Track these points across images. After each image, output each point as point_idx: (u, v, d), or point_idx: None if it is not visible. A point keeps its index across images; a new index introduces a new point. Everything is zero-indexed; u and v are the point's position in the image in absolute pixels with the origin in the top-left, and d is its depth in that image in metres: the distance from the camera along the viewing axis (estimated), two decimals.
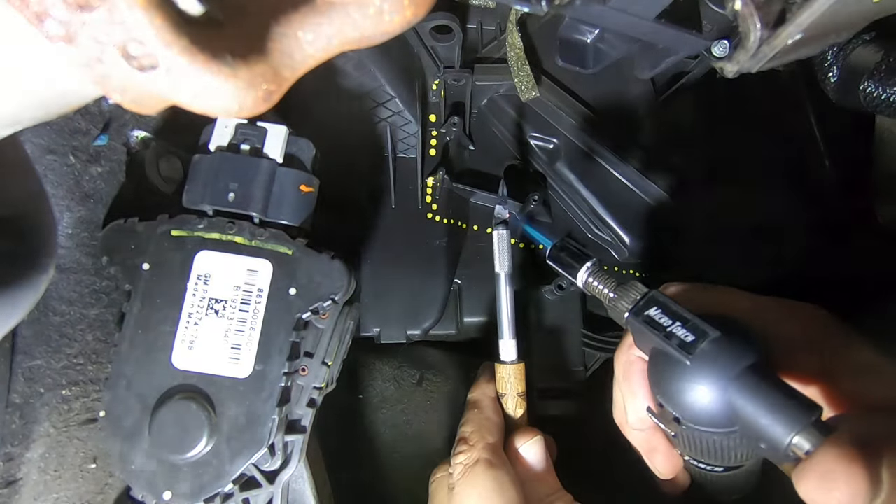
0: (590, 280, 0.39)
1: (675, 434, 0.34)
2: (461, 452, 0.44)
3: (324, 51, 0.21)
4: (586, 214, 0.64)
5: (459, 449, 0.44)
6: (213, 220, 0.46)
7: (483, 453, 0.43)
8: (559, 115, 0.62)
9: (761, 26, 0.32)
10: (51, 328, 0.47)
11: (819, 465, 0.26)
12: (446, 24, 0.55)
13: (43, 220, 0.39)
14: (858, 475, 0.25)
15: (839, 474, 0.25)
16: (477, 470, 0.42)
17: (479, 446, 0.43)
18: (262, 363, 0.44)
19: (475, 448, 0.43)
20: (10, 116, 0.23)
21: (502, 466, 0.43)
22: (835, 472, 0.25)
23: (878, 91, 0.42)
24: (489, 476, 0.41)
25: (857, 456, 0.25)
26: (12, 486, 0.44)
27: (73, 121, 0.47)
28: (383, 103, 0.59)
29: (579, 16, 0.42)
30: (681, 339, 0.31)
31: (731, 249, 0.61)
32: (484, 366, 0.53)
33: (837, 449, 0.26)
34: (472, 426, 0.46)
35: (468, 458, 0.43)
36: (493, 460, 0.42)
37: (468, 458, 0.43)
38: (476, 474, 0.42)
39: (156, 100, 0.19)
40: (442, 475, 0.46)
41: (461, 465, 0.43)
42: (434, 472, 0.47)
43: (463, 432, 0.46)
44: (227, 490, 0.44)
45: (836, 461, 0.25)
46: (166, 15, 0.17)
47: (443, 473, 0.46)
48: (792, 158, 0.62)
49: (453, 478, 0.43)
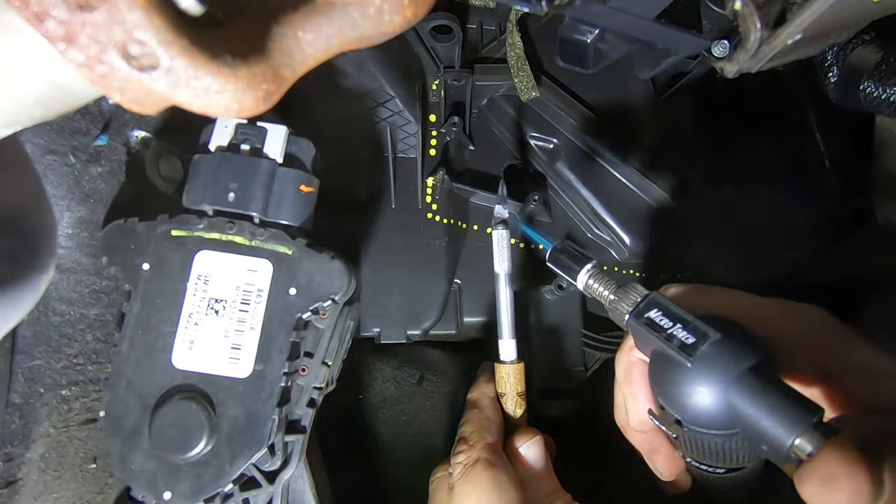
0: (590, 282, 0.39)
1: (677, 436, 0.34)
2: (461, 452, 0.44)
3: (324, 51, 0.21)
4: (586, 214, 0.64)
5: (459, 449, 0.44)
6: (213, 220, 0.46)
7: (483, 453, 0.43)
8: (559, 115, 0.62)
9: (761, 26, 0.32)
10: (51, 328, 0.47)
11: (821, 467, 0.26)
12: (446, 24, 0.55)
13: (43, 220, 0.39)
14: (860, 477, 0.25)
15: (841, 476, 0.25)
16: (476, 470, 0.42)
17: (478, 446, 0.44)
18: (262, 363, 0.44)
19: (475, 448, 0.43)
20: (10, 116, 0.23)
21: (502, 466, 0.43)
22: (837, 474, 0.25)
23: (878, 91, 0.42)
24: (488, 476, 0.41)
25: (858, 458, 0.25)
26: (12, 486, 0.44)
27: (73, 121, 0.47)
28: (383, 103, 0.59)
29: (579, 16, 0.42)
30: (681, 342, 0.31)
31: (731, 249, 0.61)
32: (483, 365, 0.53)
33: (839, 451, 0.26)
34: (471, 426, 0.46)
35: (468, 458, 0.43)
36: (492, 460, 0.42)
37: (468, 457, 0.43)
38: (475, 474, 0.42)
39: (156, 100, 0.19)
40: (441, 475, 0.46)
41: (461, 465, 0.43)
42: (434, 472, 0.47)
43: (463, 432, 0.46)
44: (227, 490, 0.44)
45: (838, 463, 0.25)
46: (166, 15, 0.17)
47: (442, 473, 0.46)
48: (792, 158, 0.62)
49: (453, 477, 0.43)
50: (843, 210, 0.59)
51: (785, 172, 0.62)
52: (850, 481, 0.25)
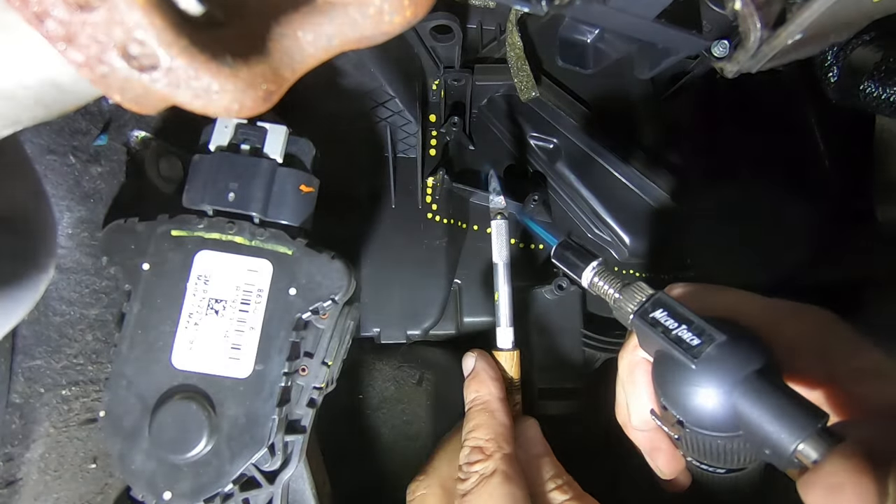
0: (595, 280, 0.38)
1: (679, 437, 0.34)
2: (478, 462, 0.42)
3: (324, 51, 0.21)
4: (586, 214, 0.64)
5: (476, 458, 0.43)
6: (213, 220, 0.46)
7: (501, 464, 0.41)
8: (559, 115, 0.62)
9: (761, 26, 0.32)
10: (51, 328, 0.47)
11: (827, 477, 0.25)
12: (446, 24, 0.55)
13: (43, 220, 0.39)
14: (868, 488, 0.24)
15: (848, 486, 0.25)
16: (493, 482, 0.40)
17: (496, 457, 0.42)
18: (262, 363, 0.44)
19: (492, 458, 0.42)
20: (10, 116, 0.23)
21: (518, 481, 0.41)
22: (844, 483, 0.25)
23: (878, 91, 0.42)
24: (506, 491, 0.40)
25: (866, 467, 0.25)
26: (12, 486, 0.44)
27: (73, 121, 0.47)
28: (383, 103, 0.59)
29: (579, 16, 0.42)
30: (686, 343, 0.31)
31: (732, 249, 0.61)
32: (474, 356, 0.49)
33: (846, 460, 0.25)
34: (487, 432, 0.44)
35: (485, 468, 0.41)
36: (510, 473, 0.41)
37: (485, 467, 0.42)
38: (493, 487, 0.40)
39: (156, 100, 0.19)
40: (423, 493, 0.45)
41: (477, 475, 0.41)
42: (413, 486, 0.46)
43: (476, 440, 0.44)
44: (227, 490, 0.44)
45: (845, 473, 0.25)
46: (166, 15, 0.17)
47: (423, 491, 0.45)
48: (792, 158, 0.62)
49: (465, 485, 0.42)
50: (843, 210, 0.59)
51: (785, 172, 0.62)
52: (857, 491, 0.24)
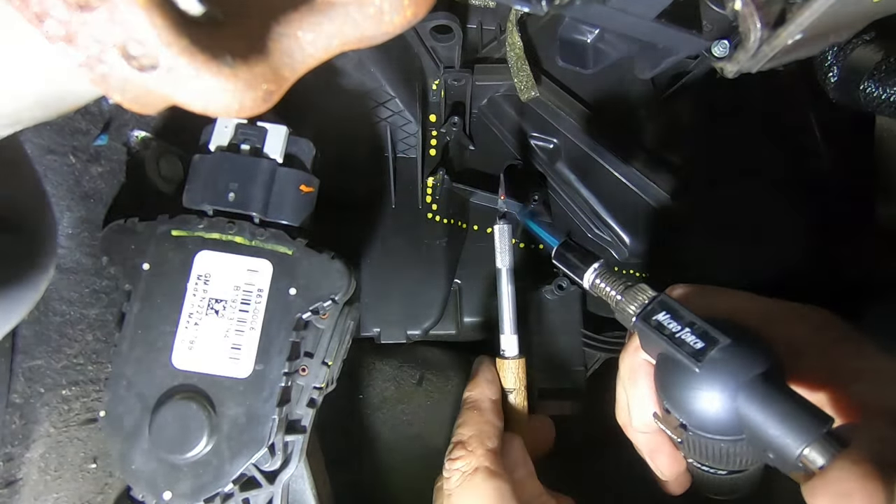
0: (597, 281, 0.38)
1: (681, 440, 0.33)
2: (459, 458, 0.41)
3: (324, 51, 0.21)
4: (586, 214, 0.64)
5: (457, 454, 0.42)
6: (213, 220, 0.46)
7: (483, 461, 0.40)
8: (559, 115, 0.62)
9: (761, 26, 0.32)
10: (51, 328, 0.47)
11: (835, 484, 0.25)
12: (446, 24, 0.55)
13: (43, 220, 0.39)
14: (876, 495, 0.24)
15: (856, 493, 0.25)
16: (476, 479, 0.40)
17: (478, 452, 0.41)
18: (262, 363, 0.44)
19: (474, 455, 0.41)
20: (10, 116, 0.23)
21: (503, 476, 0.40)
22: (852, 490, 0.25)
23: (878, 91, 0.42)
24: (490, 486, 0.39)
25: (874, 473, 0.25)
26: (12, 486, 0.44)
27: (73, 121, 0.47)
28: (383, 103, 0.59)
29: (579, 16, 0.42)
30: (690, 346, 0.30)
31: (731, 249, 0.61)
32: (480, 361, 0.50)
33: (854, 466, 0.25)
34: (470, 429, 0.43)
35: (466, 465, 0.41)
36: (493, 469, 0.40)
37: (466, 464, 0.41)
38: (475, 484, 0.39)
39: (156, 100, 0.19)
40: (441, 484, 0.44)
41: (459, 472, 0.41)
42: (438, 479, 0.44)
43: (460, 435, 0.43)
44: (227, 490, 0.44)
45: (853, 479, 0.25)
46: (166, 15, 0.17)
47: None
48: (792, 158, 0.62)
49: (450, 484, 0.41)
50: (843, 210, 0.59)
51: (785, 172, 0.62)
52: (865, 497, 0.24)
